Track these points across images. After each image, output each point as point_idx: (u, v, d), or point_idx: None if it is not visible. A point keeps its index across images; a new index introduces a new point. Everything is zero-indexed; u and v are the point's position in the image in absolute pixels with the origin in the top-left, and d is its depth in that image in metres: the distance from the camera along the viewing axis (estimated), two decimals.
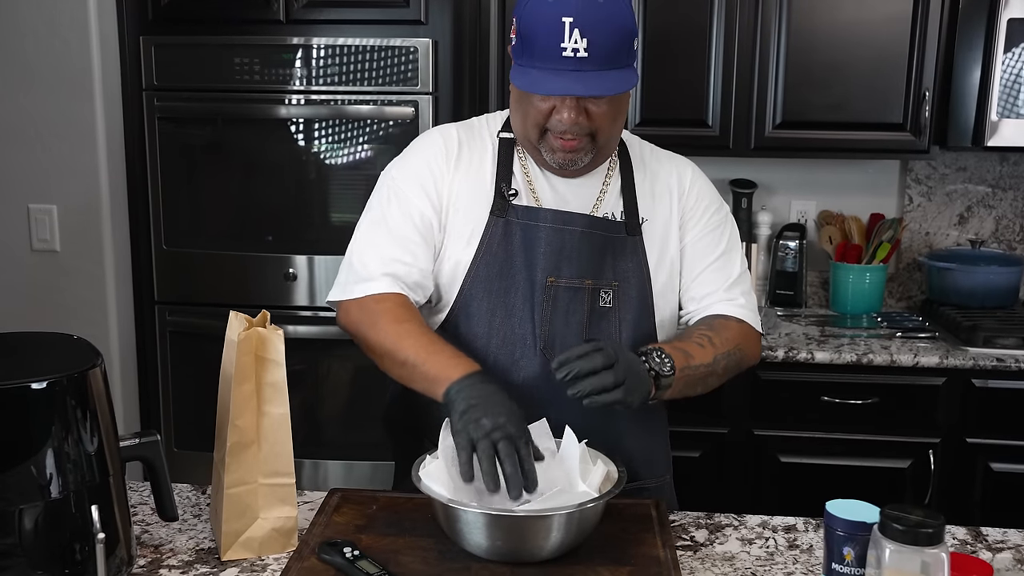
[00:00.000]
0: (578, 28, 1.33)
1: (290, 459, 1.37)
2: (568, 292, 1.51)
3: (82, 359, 1.21)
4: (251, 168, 2.70)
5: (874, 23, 2.71)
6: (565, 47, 1.34)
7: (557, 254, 1.50)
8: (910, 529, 1.02)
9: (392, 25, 2.57)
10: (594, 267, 1.51)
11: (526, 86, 1.39)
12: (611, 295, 1.52)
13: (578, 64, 1.35)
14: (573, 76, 1.35)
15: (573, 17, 1.33)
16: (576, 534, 1.29)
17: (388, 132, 2.61)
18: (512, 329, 1.52)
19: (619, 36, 1.36)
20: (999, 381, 2.55)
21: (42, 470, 1.15)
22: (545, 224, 1.51)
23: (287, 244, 2.70)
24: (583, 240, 1.51)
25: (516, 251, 1.51)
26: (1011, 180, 3.07)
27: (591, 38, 1.34)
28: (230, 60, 2.60)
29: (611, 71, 1.36)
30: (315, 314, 2.71)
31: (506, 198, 1.52)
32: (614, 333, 1.53)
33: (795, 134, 2.80)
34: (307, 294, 2.72)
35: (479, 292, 1.52)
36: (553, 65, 1.35)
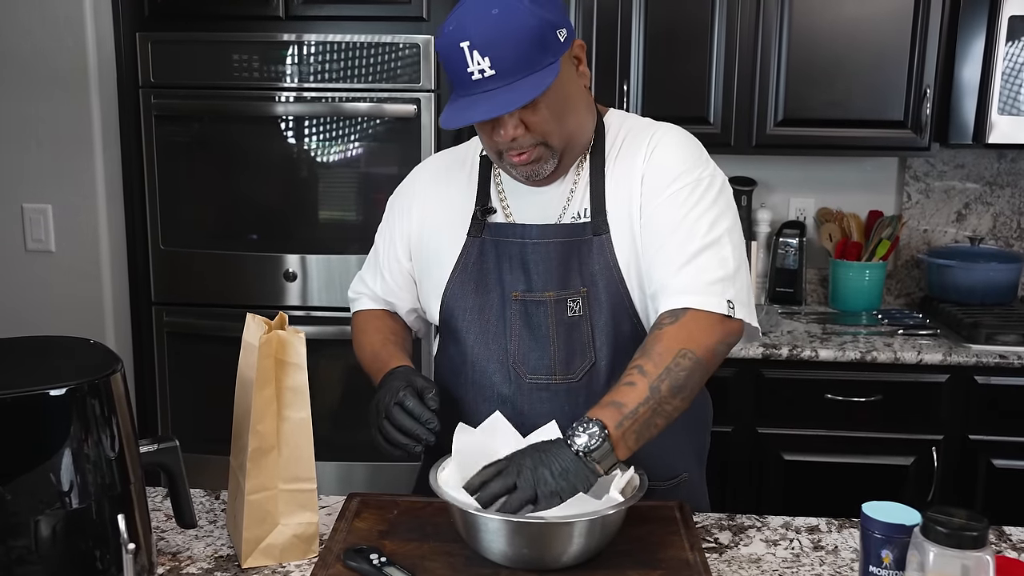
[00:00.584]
0: (476, 49, 1.30)
1: (311, 464, 1.35)
2: (533, 305, 1.47)
3: (102, 364, 1.18)
4: (250, 166, 2.67)
5: (875, 20, 2.71)
6: (471, 71, 1.31)
7: (520, 268, 1.48)
8: (954, 532, 1.01)
9: (393, 21, 2.55)
10: (558, 277, 1.46)
11: (445, 123, 1.36)
12: (579, 303, 1.46)
13: (488, 84, 1.31)
14: (484, 98, 1.31)
15: (470, 40, 1.30)
16: (599, 540, 1.27)
17: (390, 130, 2.58)
18: (486, 346, 1.51)
19: (522, 42, 1.30)
20: (1001, 378, 2.55)
21: (64, 478, 1.12)
22: (510, 239, 1.49)
23: (287, 243, 2.67)
24: (543, 250, 1.46)
25: (490, 268, 1.51)
26: (1008, 177, 3.08)
27: (492, 55, 1.29)
28: (228, 57, 2.57)
29: (525, 79, 1.31)
30: (314, 314, 2.68)
31: (479, 218, 1.52)
32: (587, 342, 1.46)
33: (796, 131, 2.79)
34: (307, 293, 2.69)
35: (456, 311, 1.53)
36: (468, 91, 1.32)
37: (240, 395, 1.42)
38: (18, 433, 1.10)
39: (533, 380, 1.48)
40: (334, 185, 2.67)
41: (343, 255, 2.66)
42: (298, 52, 2.55)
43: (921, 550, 1.03)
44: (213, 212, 2.71)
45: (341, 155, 2.65)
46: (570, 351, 1.47)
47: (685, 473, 1.60)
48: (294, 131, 2.62)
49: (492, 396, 1.49)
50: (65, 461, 1.11)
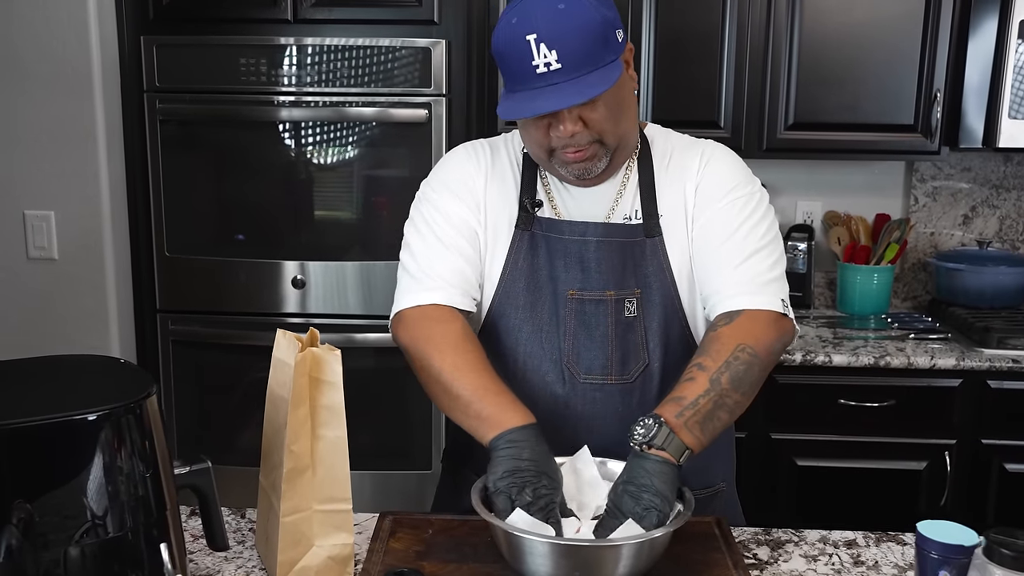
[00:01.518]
0: (544, 42, 1.29)
1: (347, 483, 1.32)
2: (591, 305, 1.47)
3: (136, 385, 1.15)
4: (256, 172, 2.63)
5: (885, 24, 2.70)
6: (536, 64, 1.29)
7: (576, 266, 1.48)
8: (1020, 555, 0.99)
9: (404, 25, 2.52)
10: (616, 276, 1.47)
11: (507, 114, 1.35)
12: (635, 303, 1.47)
13: (553, 77, 1.30)
14: (550, 91, 1.30)
15: (536, 33, 1.29)
16: (647, 562, 1.25)
17: (401, 135, 2.55)
18: (539, 344, 1.49)
19: (588, 37, 1.30)
20: (1015, 382, 2.55)
21: (101, 505, 1.08)
22: (564, 236, 1.48)
23: (294, 250, 2.64)
24: (600, 249, 1.47)
25: (541, 264, 1.49)
26: (1015, 180, 3.08)
27: (559, 48, 1.29)
28: (235, 61, 2.53)
29: (590, 74, 1.31)
30: (321, 321, 2.64)
31: (530, 211, 1.50)
32: (641, 343, 1.48)
33: (807, 135, 2.78)
34: (314, 300, 2.65)
35: (506, 307, 1.50)
36: (530, 85, 1.31)
37: (271, 413, 1.39)
38: (54, 459, 1.06)
39: (588, 380, 1.47)
40: (342, 191, 2.64)
41: (351, 261, 2.62)
42: (306, 56, 2.52)
43: (985, 572, 1.02)
44: (219, 218, 2.67)
45: (349, 160, 2.61)
46: (625, 351, 1.47)
47: (722, 483, 1.59)
48: (301, 136, 2.58)
49: (544, 395, 1.47)
50: (103, 488, 1.08)
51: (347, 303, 2.65)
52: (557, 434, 1.39)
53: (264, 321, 2.68)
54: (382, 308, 2.63)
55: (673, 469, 1.27)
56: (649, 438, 1.27)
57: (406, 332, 1.47)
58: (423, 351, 1.42)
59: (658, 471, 1.25)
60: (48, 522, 1.06)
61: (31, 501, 1.05)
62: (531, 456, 1.27)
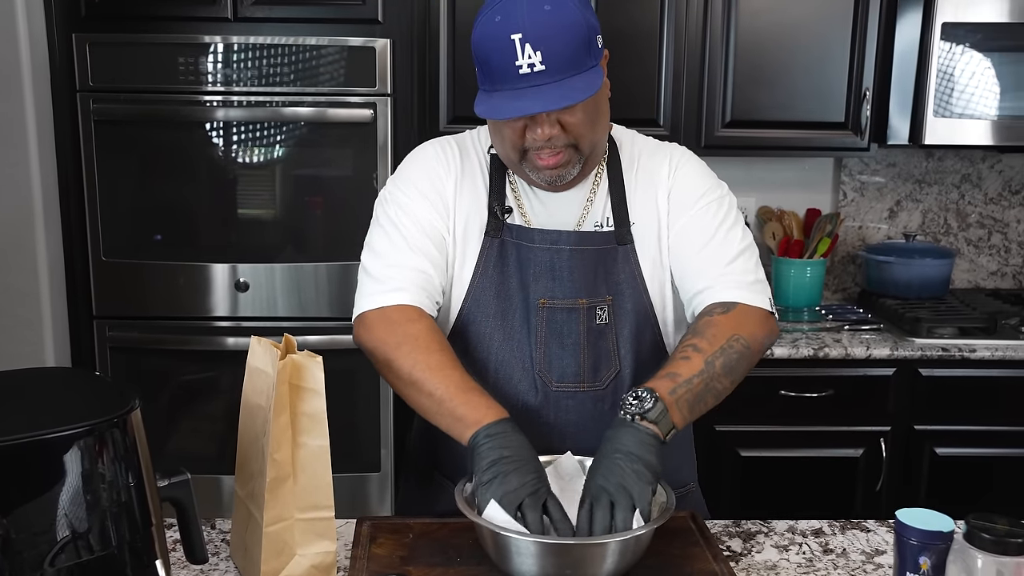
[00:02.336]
0: (529, 43, 1.28)
1: (329, 491, 1.30)
2: (563, 313, 1.47)
3: (117, 399, 1.12)
4: (197, 173, 2.57)
5: (817, 24, 2.79)
6: (520, 64, 1.28)
7: (548, 275, 1.47)
8: (1000, 539, 1.04)
9: (347, 24, 2.49)
10: (587, 284, 1.47)
11: (487, 113, 1.34)
12: (606, 311, 1.48)
13: (536, 79, 1.29)
14: (533, 92, 1.29)
15: (521, 33, 1.28)
16: (631, 558, 1.27)
17: (346, 135, 2.52)
18: (511, 352, 1.49)
19: (573, 40, 1.30)
20: (944, 370, 2.66)
21: (90, 524, 1.05)
22: (535, 245, 1.47)
23: (237, 252, 2.59)
24: (573, 257, 1.46)
25: (511, 272, 1.48)
26: (936, 175, 3.21)
27: (544, 49, 1.28)
28: (173, 60, 2.47)
29: (573, 77, 1.31)
30: (270, 324, 2.60)
31: (499, 218, 1.48)
32: (612, 350, 1.49)
33: (743, 133, 2.85)
34: (259, 303, 2.60)
35: (476, 315, 1.49)
36: (512, 85, 1.30)
37: (246, 421, 1.37)
38: (41, 478, 1.03)
39: (560, 388, 1.47)
40: (286, 192, 2.59)
41: (296, 263, 2.58)
42: (248, 55, 2.47)
43: (966, 556, 1.06)
44: (158, 221, 2.59)
45: (293, 162, 2.57)
46: (597, 359, 1.48)
47: (692, 482, 1.62)
48: (244, 137, 2.53)
49: (517, 404, 1.47)
50: (93, 505, 1.05)
51: (294, 306, 2.61)
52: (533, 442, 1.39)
53: (205, 325, 2.62)
54: (329, 310, 2.61)
55: (660, 445, 1.27)
56: (644, 411, 1.27)
57: (369, 334, 1.43)
58: (390, 353, 1.39)
59: (649, 443, 1.25)
60: (33, 541, 1.03)
61: (18, 521, 1.02)
62: (512, 445, 1.26)
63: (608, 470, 1.24)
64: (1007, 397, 2.68)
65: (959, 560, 1.08)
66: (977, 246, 3.25)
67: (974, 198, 3.23)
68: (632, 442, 1.26)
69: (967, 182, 3.22)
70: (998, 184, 3.22)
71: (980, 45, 2.76)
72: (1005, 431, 2.69)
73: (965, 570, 1.07)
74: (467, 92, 2.75)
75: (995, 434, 2.69)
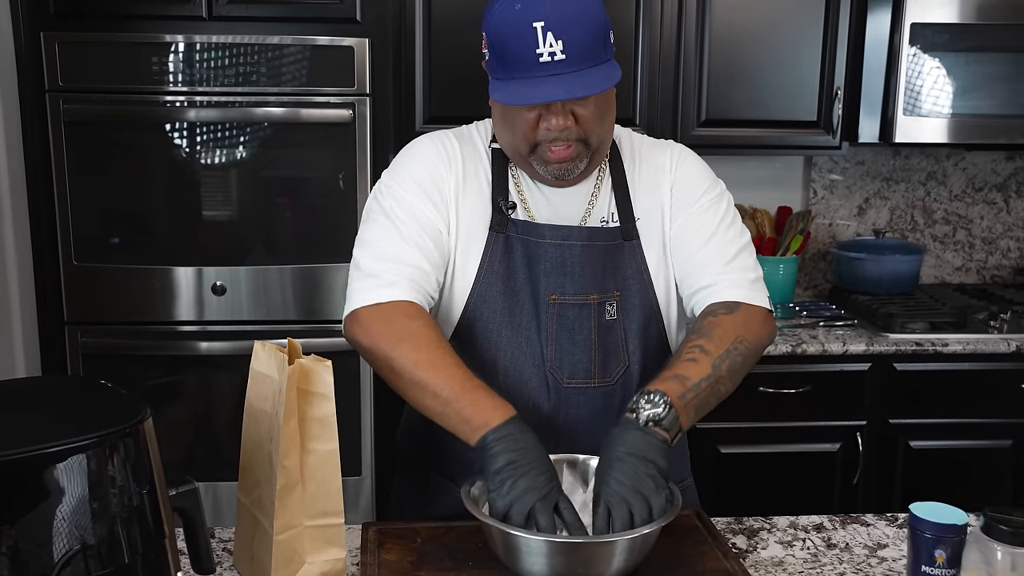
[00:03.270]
0: (551, 31, 1.28)
1: (339, 497, 1.29)
2: (573, 309, 1.46)
3: (127, 409, 1.09)
4: (170, 175, 2.52)
5: (789, 24, 2.82)
6: (541, 52, 1.28)
7: (559, 271, 1.46)
8: (1018, 531, 1.06)
9: (325, 23, 2.46)
10: (597, 280, 1.47)
11: (508, 100, 1.33)
12: (615, 306, 1.48)
13: (556, 68, 1.29)
14: (553, 81, 1.29)
15: (544, 20, 1.28)
16: (639, 556, 1.27)
17: (325, 136, 2.49)
18: (520, 349, 1.47)
19: (593, 31, 1.31)
20: (917, 364, 2.71)
21: (105, 537, 1.02)
22: (545, 240, 1.46)
23: (212, 255, 2.54)
24: (584, 253, 1.46)
25: (518, 267, 1.46)
26: (903, 173, 3.27)
27: (566, 38, 1.28)
28: (147, 59, 2.42)
29: (591, 68, 1.31)
30: (247, 328, 2.56)
31: (504, 213, 1.47)
32: (621, 346, 1.49)
33: (718, 131, 2.87)
34: (237, 307, 2.56)
35: (483, 311, 1.47)
36: (531, 73, 1.30)
37: (250, 427, 1.34)
38: (58, 489, 0.99)
39: (571, 384, 1.47)
40: (263, 194, 2.55)
41: (273, 266, 2.55)
42: (223, 54, 2.43)
43: (986, 549, 1.08)
44: (130, 224, 2.54)
45: (271, 163, 2.53)
46: (607, 355, 1.48)
47: (688, 476, 1.63)
48: (219, 138, 2.49)
49: (527, 403, 1.45)
50: (108, 516, 1.02)
51: (271, 309, 2.57)
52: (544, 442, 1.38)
53: (180, 330, 2.57)
54: (307, 313, 2.58)
55: (668, 448, 1.28)
56: (659, 418, 1.26)
57: (364, 332, 1.39)
58: (389, 352, 1.35)
59: (660, 448, 1.25)
60: (41, 553, 1.00)
61: (28, 534, 0.99)
62: (521, 447, 1.25)
63: (623, 473, 1.24)
64: (978, 390, 2.73)
65: (977, 551, 1.10)
66: (943, 242, 3.32)
67: (939, 195, 3.29)
68: (645, 446, 1.26)
69: (933, 179, 3.28)
70: (962, 181, 3.29)
71: (947, 45, 2.82)
72: (977, 423, 2.74)
73: (983, 561, 1.08)
74: (443, 92, 2.73)
75: (967, 426, 2.74)
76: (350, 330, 1.43)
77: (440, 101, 2.74)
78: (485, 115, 2.68)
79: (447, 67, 2.72)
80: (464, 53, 2.72)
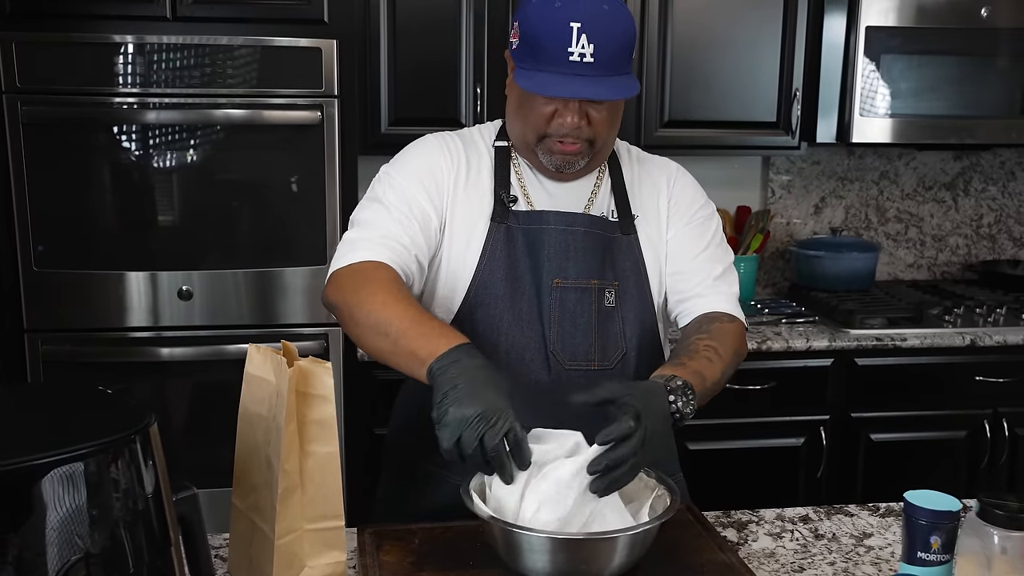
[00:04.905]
0: (586, 33, 1.35)
1: (339, 500, 1.28)
2: (575, 293, 1.51)
3: (132, 414, 1.07)
4: (134, 179, 2.47)
5: (749, 27, 2.87)
6: (572, 51, 1.36)
7: (562, 255, 1.51)
8: (1014, 515, 1.09)
9: (292, 24, 2.44)
10: (597, 267, 1.53)
11: (534, 88, 1.40)
12: (614, 295, 1.53)
13: (584, 69, 1.36)
14: (580, 80, 1.37)
15: (581, 22, 1.35)
16: (640, 552, 1.29)
17: (293, 138, 2.46)
18: (521, 332, 1.51)
19: (624, 42, 1.39)
20: (878, 359, 2.78)
21: (109, 544, 1.01)
22: (548, 226, 1.52)
23: (180, 260, 2.50)
24: (587, 239, 1.52)
25: (520, 256, 1.51)
26: (857, 172, 3.35)
27: (598, 43, 1.36)
28: (109, 60, 2.36)
29: (615, 77, 1.39)
30: (212, 333, 2.52)
31: (506, 204, 1.52)
32: (619, 332, 1.54)
33: (681, 132, 2.91)
34: (203, 312, 2.52)
35: (484, 298, 1.51)
36: (559, 69, 1.37)
37: (245, 431, 1.33)
38: (65, 498, 0.97)
39: (573, 367, 1.51)
40: (229, 197, 2.52)
41: (241, 269, 2.51)
42: (187, 56, 2.38)
43: (983, 534, 1.11)
44: (93, 230, 2.48)
45: (237, 165, 2.50)
46: (606, 340, 1.52)
47: (679, 472, 1.66)
48: (184, 140, 2.45)
49: (528, 384, 1.49)
50: (115, 523, 1.00)
51: (238, 313, 2.53)
52: (541, 422, 1.36)
53: (143, 337, 2.52)
54: (275, 317, 2.55)
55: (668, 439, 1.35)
56: (685, 415, 1.31)
57: (334, 289, 1.41)
58: (350, 299, 1.37)
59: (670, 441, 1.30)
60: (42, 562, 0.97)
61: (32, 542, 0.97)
62: (462, 371, 1.20)
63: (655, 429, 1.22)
64: (935, 383, 2.81)
65: (973, 537, 1.13)
66: (895, 240, 3.40)
67: (892, 194, 3.38)
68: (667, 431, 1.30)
69: (885, 179, 3.36)
70: (913, 180, 3.38)
71: (900, 48, 2.89)
72: (934, 415, 2.82)
73: (980, 546, 1.12)
74: (408, 94, 2.73)
75: (925, 419, 2.82)
76: (325, 293, 1.45)
77: (405, 103, 2.73)
78: (451, 117, 2.73)
79: (411, 69, 2.71)
80: (428, 55, 2.72)
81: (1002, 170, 3.41)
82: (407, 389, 1.66)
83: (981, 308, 2.94)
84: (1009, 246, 3.46)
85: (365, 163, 2.57)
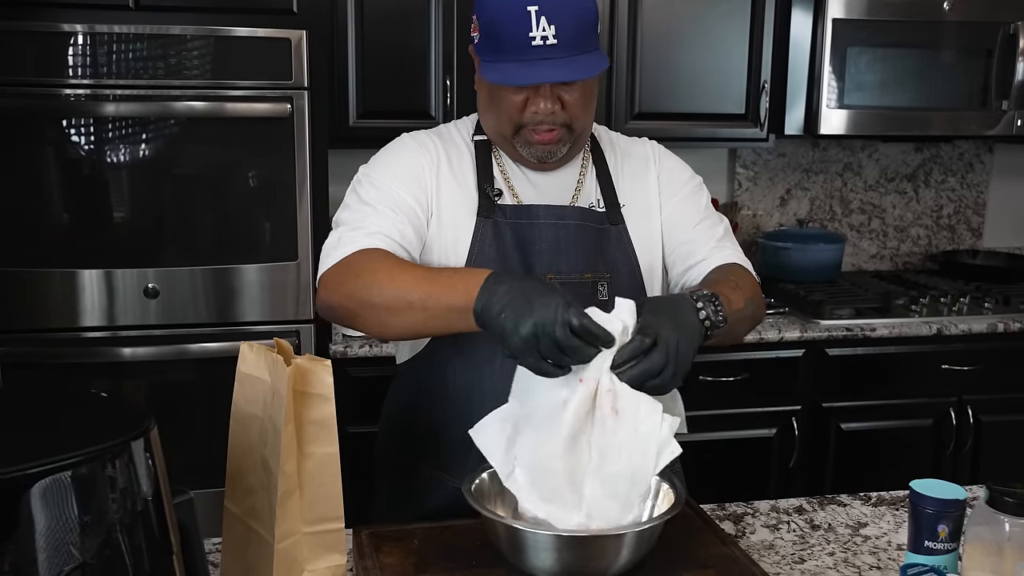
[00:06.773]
0: (545, 15, 1.32)
1: (339, 502, 1.24)
2: (570, 287, 1.47)
3: (131, 418, 1.02)
4: (93, 173, 2.39)
5: (717, 19, 2.88)
6: (534, 36, 1.33)
7: (554, 250, 1.49)
8: (1023, 502, 1.10)
9: (260, 14, 2.37)
10: (590, 260, 1.51)
11: (499, 79, 1.37)
12: (606, 287, 1.51)
13: (548, 52, 1.33)
14: (545, 64, 1.34)
15: (539, 5, 1.32)
16: (645, 549, 1.28)
17: (261, 131, 2.40)
18: None
19: (584, 19, 1.36)
20: (848, 348, 2.81)
21: (109, 553, 0.96)
22: (539, 221, 1.49)
23: (143, 257, 2.42)
24: (578, 233, 1.49)
25: (509, 251, 1.48)
26: (822, 164, 3.38)
27: (558, 24, 1.33)
28: (63, 50, 2.28)
29: (580, 55, 1.36)
30: (176, 331, 2.45)
31: (491, 199, 1.48)
32: None
33: (650, 124, 2.89)
34: (171, 310, 2.45)
35: None
36: (523, 56, 1.34)
37: (238, 432, 1.28)
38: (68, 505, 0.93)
39: None
40: (199, 191, 2.45)
41: (208, 266, 2.45)
42: (151, 46, 2.31)
43: (992, 521, 1.11)
44: (49, 226, 2.39)
45: (204, 159, 2.43)
46: None
47: (678, 464, 1.65)
48: (148, 134, 2.37)
49: None
50: (119, 531, 0.96)
51: (207, 311, 2.47)
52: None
53: (103, 336, 2.44)
54: (242, 314, 2.48)
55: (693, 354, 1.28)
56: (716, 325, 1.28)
57: (329, 291, 1.37)
58: (352, 291, 1.33)
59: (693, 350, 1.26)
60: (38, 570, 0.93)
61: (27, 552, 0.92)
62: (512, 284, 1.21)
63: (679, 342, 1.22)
64: (903, 372, 2.85)
65: (982, 525, 1.13)
66: (859, 231, 3.44)
67: (855, 186, 3.41)
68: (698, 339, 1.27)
69: (849, 170, 3.40)
70: (876, 172, 3.42)
71: (866, 40, 2.92)
72: (901, 404, 2.86)
73: (989, 534, 1.12)
74: (376, 87, 2.68)
75: (893, 407, 2.86)
76: (319, 300, 1.41)
77: (374, 96, 2.69)
78: (421, 110, 2.70)
79: (379, 62, 2.67)
80: (395, 48, 2.68)
81: (961, 161, 3.47)
82: (397, 389, 1.62)
83: (945, 298, 2.98)
84: (968, 236, 3.53)
85: (333, 156, 2.52)
